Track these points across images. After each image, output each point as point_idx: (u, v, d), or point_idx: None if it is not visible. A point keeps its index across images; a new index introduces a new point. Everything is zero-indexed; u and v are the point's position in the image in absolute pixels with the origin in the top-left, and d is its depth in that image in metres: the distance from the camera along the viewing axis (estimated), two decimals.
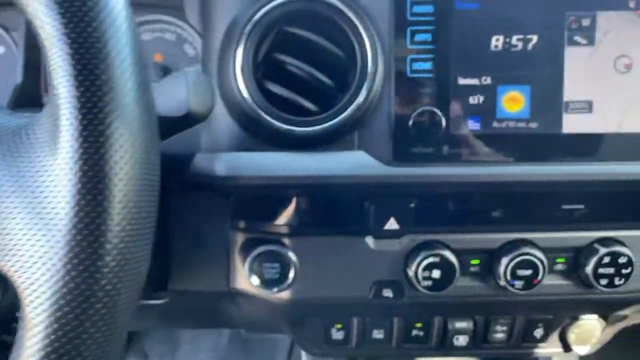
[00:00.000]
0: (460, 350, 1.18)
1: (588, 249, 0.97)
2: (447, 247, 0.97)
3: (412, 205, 0.90)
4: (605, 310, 1.06)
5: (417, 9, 0.80)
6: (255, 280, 1.00)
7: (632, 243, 0.97)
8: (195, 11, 0.91)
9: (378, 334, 1.16)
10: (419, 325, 1.13)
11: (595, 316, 1.11)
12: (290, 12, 0.82)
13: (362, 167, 0.81)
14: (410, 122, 0.80)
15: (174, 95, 0.65)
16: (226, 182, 0.85)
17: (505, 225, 0.95)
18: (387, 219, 0.92)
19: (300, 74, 0.83)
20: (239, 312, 1.18)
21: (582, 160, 0.81)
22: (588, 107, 0.81)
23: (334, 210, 0.94)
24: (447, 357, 1.17)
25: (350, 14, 0.80)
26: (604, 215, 0.94)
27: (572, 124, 0.81)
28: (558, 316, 1.11)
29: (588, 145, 0.81)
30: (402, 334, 1.14)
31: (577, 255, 0.98)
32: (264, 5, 0.81)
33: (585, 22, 0.80)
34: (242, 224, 1.02)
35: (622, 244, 0.96)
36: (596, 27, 0.80)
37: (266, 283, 1.00)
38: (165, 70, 1.19)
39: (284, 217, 0.97)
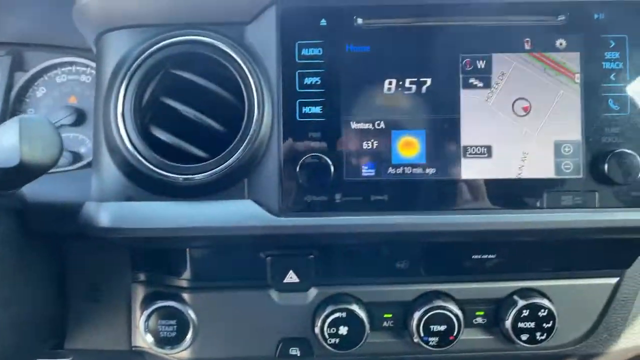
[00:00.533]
0: None
1: (507, 301, 0.90)
2: (358, 300, 0.91)
3: (312, 256, 0.84)
4: None
5: (306, 51, 0.77)
6: (149, 338, 0.91)
7: (555, 294, 0.92)
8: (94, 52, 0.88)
9: None
10: None
11: None
12: (176, 54, 0.78)
13: (247, 218, 0.75)
14: (300, 169, 0.75)
15: (4, 144, 0.60)
16: (109, 234, 0.79)
17: (417, 276, 0.90)
18: (286, 272, 0.85)
19: (189, 119, 0.80)
20: None
21: (483, 208, 0.76)
22: (487, 152, 0.77)
23: (231, 263, 0.88)
24: None
25: (236, 56, 0.76)
26: (519, 265, 0.89)
27: (471, 169, 0.77)
28: None
29: (488, 192, 0.76)
30: None
31: (498, 308, 0.92)
32: (149, 47, 0.77)
33: (481, 64, 0.77)
34: (142, 277, 0.96)
35: (543, 295, 0.91)
36: (492, 69, 0.77)
37: (161, 342, 0.92)
38: (80, 113, 1.15)
39: (182, 271, 0.90)
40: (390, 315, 0.90)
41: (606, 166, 0.75)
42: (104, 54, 0.82)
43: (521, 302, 0.87)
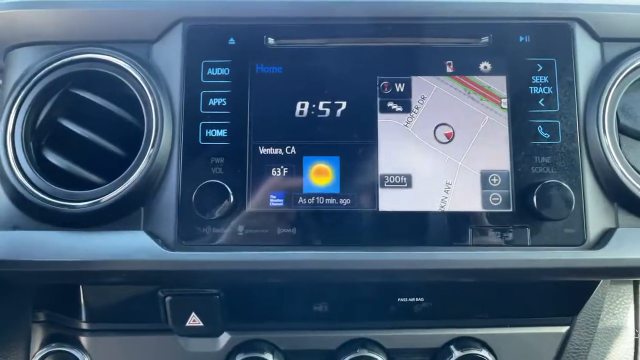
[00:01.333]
0: None
1: (443, 352, 0.81)
2: (275, 348, 0.82)
3: (217, 296, 0.76)
4: None
5: (212, 71, 0.72)
6: None
7: (497, 344, 0.82)
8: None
9: None
10: None
11: None
12: (76, 72, 0.73)
13: (136, 251, 0.67)
14: (196, 198, 0.68)
15: None
16: None
17: (340, 321, 0.81)
18: (188, 314, 0.76)
19: (88, 142, 0.74)
20: None
21: (401, 244, 0.68)
22: (406, 181, 0.70)
23: (130, 303, 0.79)
24: None
25: (137, 74, 0.71)
26: (454, 311, 0.79)
27: (388, 200, 0.69)
28: None
29: (407, 226, 0.69)
30: None
31: (434, 359, 0.85)
32: (46, 65, 0.72)
33: (399, 87, 0.71)
34: (42, 316, 0.86)
35: (483, 345, 0.81)
36: (411, 92, 0.71)
37: None
38: None
39: (78, 311, 0.81)
40: None
41: (535, 199, 0.68)
42: (8, 71, 0.77)
43: (457, 354, 0.77)
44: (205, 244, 0.69)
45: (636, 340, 0.84)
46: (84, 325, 0.80)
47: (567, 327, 0.81)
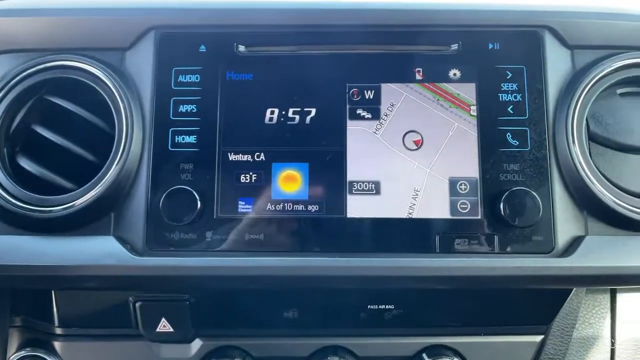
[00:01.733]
0: None
1: None
2: (247, 355, 0.81)
3: (187, 302, 0.76)
4: None
5: (183, 78, 0.72)
6: None
7: (470, 353, 0.81)
8: None
9: None
10: None
11: None
12: (50, 79, 0.73)
13: (104, 256, 0.67)
14: (164, 204, 0.68)
15: None
16: None
17: (312, 328, 0.80)
18: (158, 320, 0.76)
19: (61, 148, 0.74)
20: None
21: (369, 250, 0.68)
22: (375, 188, 0.70)
23: (102, 308, 0.79)
24: None
25: (108, 81, 0.71)
26: (426, 318, 0.79)
27: (357, 207, 0.69)
28: None
29: (375, 233, 0.68)
30: None
31: None
32: (20, 72, 0.72)
33: (369, 95, 0.71)
34: (19, 321, 0.86)
35: (456, 353, 0.80)
36: (381, 100, 0.71)
37: None
38: None
39: (51, 316, 0.81)
40: None
41: (502, 206, 0.67)
42: None
43: None
44: (173, 250, 0.69)
45: (612, 350, 0.84)
46: (58, 330, 0.80)
47: (542, 336, 0.80)
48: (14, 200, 0.70)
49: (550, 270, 0.67)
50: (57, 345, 0.80)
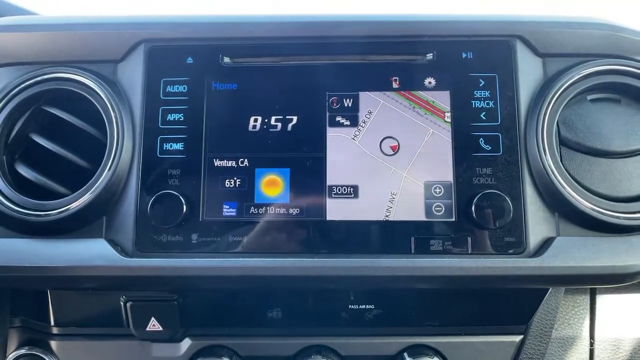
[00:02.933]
0: None
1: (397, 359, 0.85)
2: (234, 354, 0.84)
3: (176, 302, 0.78)
4: None
5: (171, 88, 0.76)
6: None
7: (451, 353, 0.83)
8: None
9: None
10: None
11: None
12: (46, 91, 0.77)
13: (95, 258, 0.71)
14: (152, 207, 0.72)
15: None
16: None
17: (296, 327, 0.83)
18: (148, 319, 0.80)
19: (57, 156, 0.78)
20: None
21: (347, 252, 0.71)
22: (353, 192, 0.73)
23: (94, 308, 0.82)
24: None
25: (100, 92, 0.75)
26: (407, 319, 0.81)
27: (336, 210, 0.72)
28: None
29: (354, 235, 0.71)
30: None
31: None
32: (18, 84, 0.77)
33: (347, 103, 0.75)
34: (18, 322, 0.90)
35: (437, 353, 0.82)
36: (359, 107, 0.74)
37: None
38: None
39: (47, 316, 0.85)
40: None
41: (474, 208, 0.70)
42: None
43: None
44: (160, 251, 0.72)
45: (591, 351, 0.85)
46: (54, 330, 0.84)
47: (521, 336, 0.82)
48: (12, 205, 0.74)
49: (521, 270, 0.69)
50: (53, 344, 0.84)
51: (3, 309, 0.91)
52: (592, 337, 0.85)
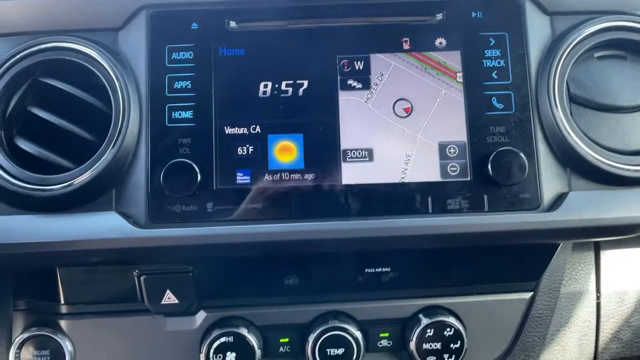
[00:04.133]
0: None
1: (412, 321, 0.83)
2: (250, 324, 0.83)
3: (190, 273, 0.77)
4: None
5: (176, 55, 0.73)
6: None
7: (465, 312, 0.84)
8: None
9: None
10: None
11: None
12: (43, 61, 0.74)
13: (109, 230, 0.69)
14: (164, 177, 0.70)
15: None
16: None
17: (312, 294, 0.82)
18: (163, 292, 0.78)
19: (59, 129, 0.75)
20: None
21: (365, 214, 0.71)
22: (368, 155, 0.72)
23: (106, 284, 0.80)
24: None
25: (103, 61, 0.73)
26: (422, 280, 0.82)
27: (351, 174, 0.72)
28: None
29: (371, 198, 0.71)
30: None
31: (403, 329, 0.85)
32: (13, 55, 0.73)
33: (359, 65, 0.74)
34: (23, 304, 0.87)
35: (451, 313, 0.84)
36: (370, 70, 0.74)
37: None
38: None
39: (56, 295, 0.82)
40: (286, 340, 0.82)
41: (489, 166, 0.70)
42: None
43: (425, 321, 0.80)
44: (175, 222, 0.71)
45: (598, 304, 0.88)
46: (63, 309, 0.81)
47: (531, 293, 0.84)
48: (14, 181, 0.71)
49: (537, 225, 0.70)
50: (63, 324, 0.81)
51: (6, 292, 0.88)
52: (598, 291, 0.87)
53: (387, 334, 0.83)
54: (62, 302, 0.80)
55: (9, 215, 0.72)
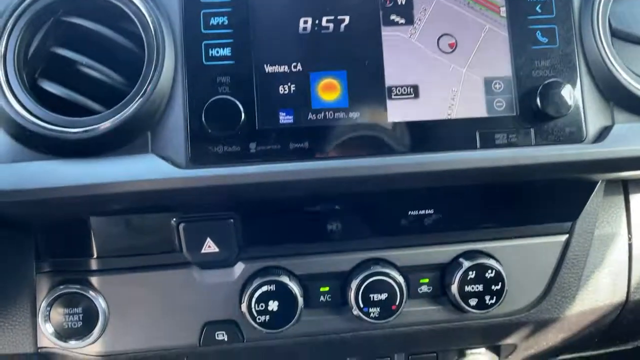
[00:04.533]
0: None
1: (452, 265, 0.82)
2: (290, 273, 0.81)
3: (232, 220, 0.75)
4: (488, 339, 0.90)
5: None
6: (49, 328, 0.78)
7: (502, 256, 0.83)
8: None
9: None
10: None
11: (483, 349, 0.97)
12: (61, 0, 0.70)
13: (150, 171, 0.66)
14: (208, 117, 0.67)
15: None
16: None
17: (353, 240, 0.80)
18: (203, 240, 0.75)
19: (86, 71, 0.70)
20: None
21: (413, 151, 0.69)
22: (413, 92, 0.71)
23: (141, 235, 0.76)
24: None
25: None
26: (461, 222, 0.81)
27: (397, 111, 0.70)
28: (442, 353, 0.94)
29: (417, 135, 0.70)
30: None
31: (443, 274, 0.84)
32: None
33: (401, 0, 0.72)
34: (47, 266, 0.83)
35: (490, 256, 0.84)
36: (413, 4, 0.72)
37: (65, 334, 0.80)
38: None
39: (86, 251, 0.78)
40: (327, 289, 0.80)
41: (538, 99, 0.70)
42: None
43: (467, 264, 0.79)
44: (217, 163, 0.68)
45: (629, 245, 0.89)
46: (94, 265, 0.77)
47: (567, 236, 0.84)
48: (42, 123, 0.66)
49: (583, 156, 0.71)
50: (94, 280, 0.77)
51: (27, 252, 0.84)
52: (629, 232, 0.89)
53: (426, 280, 0.82)
54: (95, 255, 0.76)
55: (36, 161, 0.68)
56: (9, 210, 0.71)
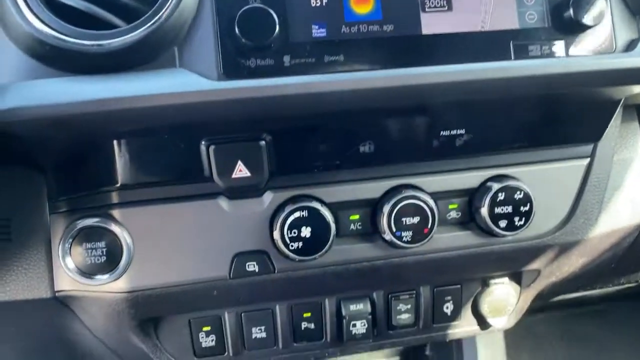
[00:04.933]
0: (361, 343, 0.99)
1: (481, 189, 0.82)
2: (321, 201, 0.79)
3: (263, 142, 0.73)
4: (514, 265, 0.91)
5: None
6: (70, 263, 0.75)
7: (528, 179, 0.83)
8: None
9: (259, 333, 0.93)
10: (307, 314, 0.93)
11: (506, 279, 0.98)
12: None
13: (182, 84, 0.63)
14: (240, 29, 0.65)
15: None
16: (13, 116, 0.61)
17: (384, 165, 0.79)
18: (234, 163, 0.73)
19: None
20: (82, 327, 0.93)
21: (447, 63, 0.68)
22: (447, 4, 0.70)
23: (167, 163, 0.73)
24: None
25: None
26: (489, 143, 0.80)
27: (431, 24, 0.70)
28: (466, 284, 0.95)
29: (452, 47, 0.70)
30: (288, 329, 0.91)
31: (471, 199, 0.84)
32: None
33: None
34: (62, 206, 0.79)
35: (517, 180, 0.83)
36: None
37: (88, 270, 0.77)
38: None
39: (107, 181, 0.75)
40: (357, 217, 0.80)
41: (568, 12, 0.71)
42: None
43: (496, 186, 0.80)
44: (250, 77, 0.66)
45: None
46: (115, 198, 0.74)
47: (588, 159, 0.86)
48: (60, 36, 0.62)
49: (616, 64, 0.72)
50: (116, 213, 0.74)
51: (39, 192, 0.79)
52: None
53: (455, 205, 0.82)
54: (118, 184, 0.72)
55: (57, 78, 0.63)
56: (28, 133, 0.67)
